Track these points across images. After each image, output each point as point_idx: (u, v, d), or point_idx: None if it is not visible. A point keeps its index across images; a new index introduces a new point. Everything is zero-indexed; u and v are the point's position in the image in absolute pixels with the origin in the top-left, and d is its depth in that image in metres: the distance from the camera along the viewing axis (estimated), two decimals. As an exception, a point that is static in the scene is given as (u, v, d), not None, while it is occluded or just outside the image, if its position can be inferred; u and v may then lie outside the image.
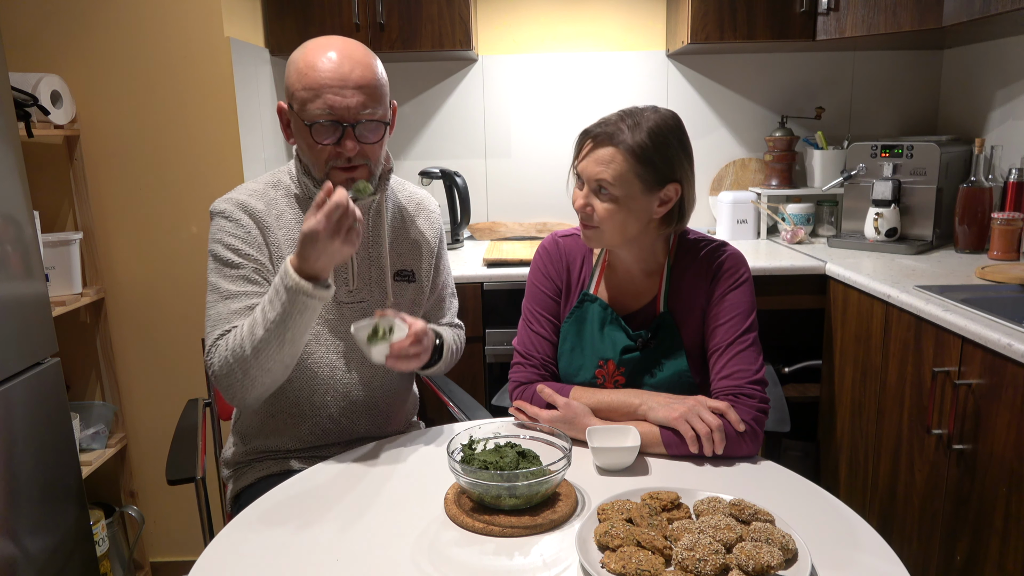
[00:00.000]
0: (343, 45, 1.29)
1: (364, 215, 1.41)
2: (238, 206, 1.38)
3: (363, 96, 1.27)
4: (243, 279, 1.35)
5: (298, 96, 1.28)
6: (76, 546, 1.72)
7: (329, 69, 1.26)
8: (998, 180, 2.34)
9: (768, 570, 0.88)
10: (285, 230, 1.39)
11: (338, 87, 1.26)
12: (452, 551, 0.99)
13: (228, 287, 1.34)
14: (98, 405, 2.26)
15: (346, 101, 1.26)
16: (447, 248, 1.71)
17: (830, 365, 2.25)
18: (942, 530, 1.67)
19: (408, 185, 1.58)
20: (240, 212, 1.37)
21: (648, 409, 1.27)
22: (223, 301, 1.34)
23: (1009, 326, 1.47)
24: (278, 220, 1.39)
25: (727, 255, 1.38)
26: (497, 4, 2.77)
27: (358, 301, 1.44)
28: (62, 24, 2.07)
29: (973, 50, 2.58)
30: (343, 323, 1.43)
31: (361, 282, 1.44)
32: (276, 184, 1.43)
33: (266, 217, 1.38)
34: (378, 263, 1.45)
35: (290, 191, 1.42)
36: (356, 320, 1.38)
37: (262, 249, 1.37)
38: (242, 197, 1.39)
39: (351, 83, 1.26)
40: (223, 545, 1.03)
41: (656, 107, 1.31)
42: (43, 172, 2.15)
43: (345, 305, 1.43)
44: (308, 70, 1.27)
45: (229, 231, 1.36)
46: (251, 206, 1.38)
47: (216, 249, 1.37)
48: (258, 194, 1.40)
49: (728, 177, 2.87)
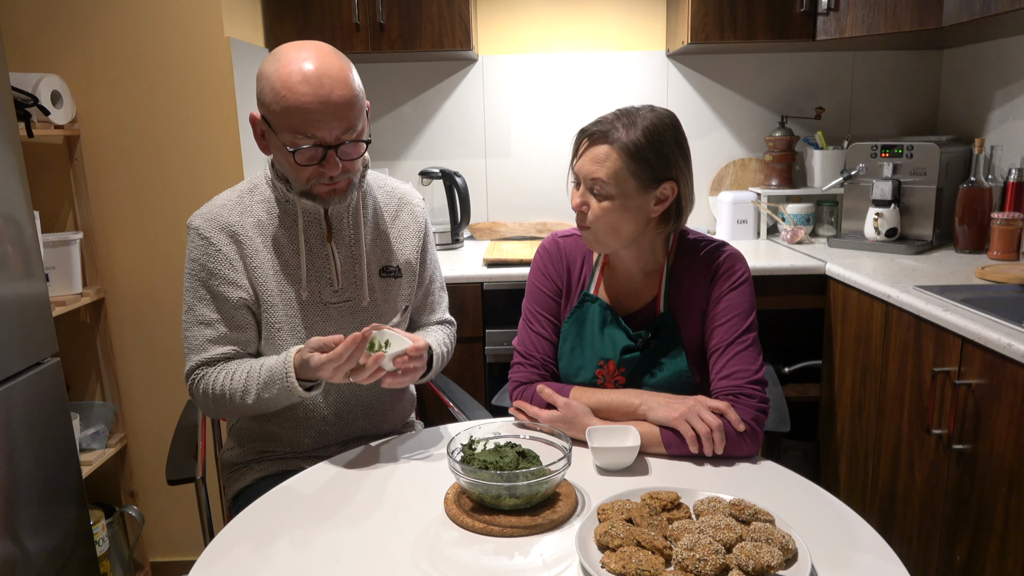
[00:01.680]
0: (318, 58, 1.23)
1: (343, 215, 1.42)
2: (213, 222, 1.37)
3: (344, 120, 1.24)
4: (216, 305, 1.36)
5: (275, 117, 1.24)
6: (76, 546, 1.72)
7: (308, 93, 1.21)
8: (998, 180, 2.34)
9: (768, 570, 0.88)
10: (263, 236, 1.39)
11: (320, 113, 1.22)
12: (452, 551, 0.99)
13: (203, 312, 1.36)
14: (98, 405, 2.26)
15: (332, 132, 1.24)
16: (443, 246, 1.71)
17: (830, 365, 2.25)
18: (942, 530, 1.67)
19: (389, 180, 1.57)
20: (215, 231, 1.36)
21: (648, 409, 1.27)
22: (199, 326, 1.37)
23: (1009, 326, 1.47)
24: (256, 227, 1.38)
25: (727, 255, 1.38)
26: (497, 4, 2.77)
27: (344, 300, 1.44)
28: (62, 24, 2.07)
29: (973, 50, 2.58)
30: (330, 324, 1.43)
31: (346, 281, 1.43)
32: (253, 189, 1.42)
33: (242, 228, 1.37)
34: (361, 261, 1.45)
35: (266, 195, 1.41)
36: (342, 320, 1.42)
37: (236, 266, 1.36)
38: (216, 211, 1.38)
39: (333, 107, 1.22)
40: (223, 545, 1.03)
41: (652, 106, 1.32)
42: (43, 172, 2.15)
43: (332, 305, 1.43)
44: (286, 91, 1.21)
45: (204, 251, 1.36)
46: (226, 221, 1.37)
47: (192, 268, 1.37)
48: (232, 204, 1.39)
49: (728, 177, 2.87)
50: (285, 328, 1.39)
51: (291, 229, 1.40)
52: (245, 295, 1.37)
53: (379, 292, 1.47)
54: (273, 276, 1.38)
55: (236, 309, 1.37)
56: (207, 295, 1.36)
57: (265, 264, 1.38)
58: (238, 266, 1.37)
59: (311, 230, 1.40)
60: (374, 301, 1.46)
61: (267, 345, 1.41)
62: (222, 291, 1.36)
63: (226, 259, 1.36)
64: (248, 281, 1.37)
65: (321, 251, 1.41)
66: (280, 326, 1.39)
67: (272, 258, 1.38)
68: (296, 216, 1.39)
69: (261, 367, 1.31)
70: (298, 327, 1.40)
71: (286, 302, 1.39)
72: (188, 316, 1.38)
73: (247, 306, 1.38)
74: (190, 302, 1.38)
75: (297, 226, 1.39)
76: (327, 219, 1.41)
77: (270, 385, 1.29)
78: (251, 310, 1.39)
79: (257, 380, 1.30)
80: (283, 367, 1.27)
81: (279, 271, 1.39)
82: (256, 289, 1.38)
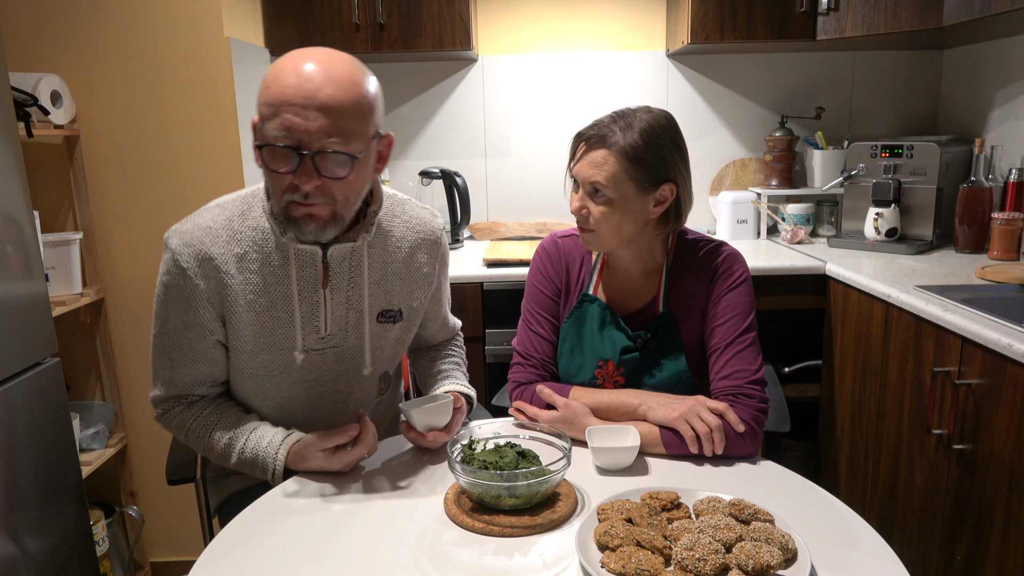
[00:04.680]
0: (326, 58, 1.10)
1: (343, 260, 1.26)
2: (192, 249, 1.20)
3: (327, 121, 1.06)
4: (186, 338, 1.24)
5: (260, 112, 1.10)
6: (76, 546, 1.72)
7: (294, 84, 1.06)
8: (998, 180, 2.33)
9: (768, 570, 0.88)
10: (244, 275, 1.22)
11: (299, 105, 1.06)
12: (452, 551, 0.99)
13: (169, 343, 1.25)
14: (98, 405, 2.26)
15: (306, 124, 1.06)
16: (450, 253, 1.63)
17: (830, 365, 2.25)
18: (942, 530, 1.67)
19: (410, 208, 1.38)
20: (193, 260, 1.20)
21: (648, 409, 1.27)
22: (164, 357, 1.26)
23: (1009, 326, 1.47)
24: (239, 262, 1.22)
25: (726, 255, 1.38)
26: (497, 4, 2.77)
27: (330, 347, 1.29)
28: (62, 24, 2.07)
29: (973, 50, 2.58)
30: (309, 371, 1.30)
31: (336, 327, 1.28)
32: (245, 213, 1.24)
33: (223, 262, 1.21)
34: (357, 307, 1.29)
35: (258, 223, 1.24)
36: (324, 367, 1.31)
37: (212, 304, 1.22)
38: (200, 236, 1.21)
39: (315, 102, 1.06)
40: (223, 545, 1.03)
41: (649, 107, 1.31)
42: (43, 172, 2.15)
43: (314, 352, 1.28)
44: (272, 83, 1.08)
45: (177, 280, 1.21)
46: (207, 251, 1.20)
47: (163, 293, 1.24)
48: (218, 229, 1.22)
49: (728, 177, 2.87)
50: (260, 375, 1.28)
51: (283, 267, 1.23)
52: (218, 336, 1.25)
53: (371, 338, 1.32)
54: (252, 321, 1.23)
55: (207, 347, 1.26)
56: (177, 324, 1.24)
57: (243, 307, 1.22)
58: (214, 303, 1.22)
59: (304, 272, 1.23)
60: (361, 347, 1.32)
61: (233, 386, 1.33)
62: (192, 330, 1.23)
63: (202, 296, 1.21)
64: (220, 324, 1.24)
65: (311, 296, 1.25)
66: (252, 373, 1.28)
67: (253, 301, 1.22)
68: (289, 256, 1.22)
69: (245, 443, 1.23)
70: (275, 374, 1.28)
71: (261, 349, 1.25)
72: (156, 341, 1.26)
73: (219, 342, 1.27)
74: (159, 327, 1.25)
75: (288, 266, 1.23)
76: (325, 262, 1.24)
77: (250, 466, 1.23)
78: (223, 345, 1.28)
79: (238, 454, 1.24)
80: (272, 462, 1.20)
81: (260, 315, 1.23)
82: (228, 332, 1.25)
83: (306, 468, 1.21)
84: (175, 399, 1.30)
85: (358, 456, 1.20)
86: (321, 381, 1.33)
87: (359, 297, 1.28)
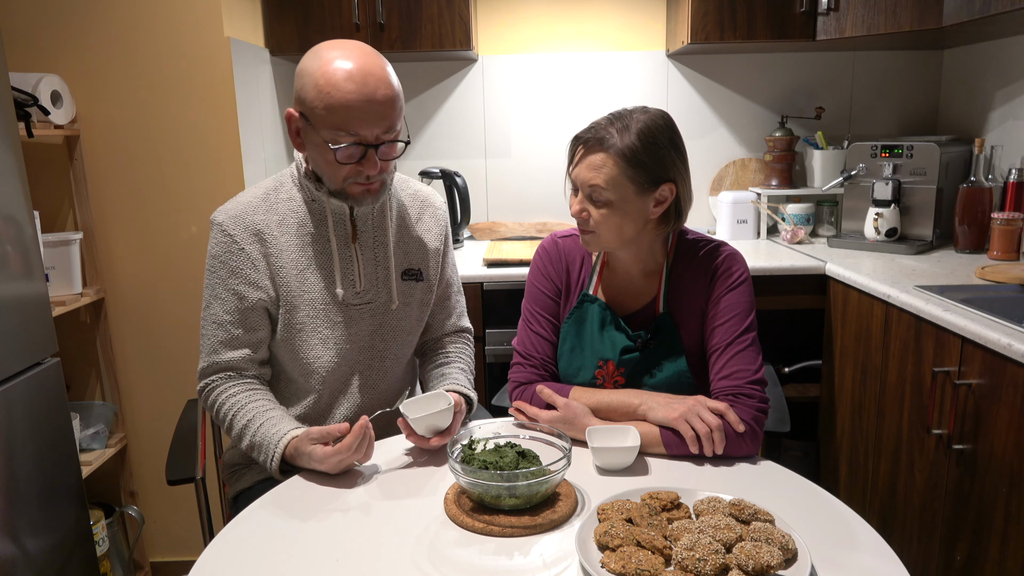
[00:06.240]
0: (360, 57, 1.24)
1: (367, 217, 1.41)
2: (238, 220, 1.36)
3: (388, 121, 1.26)
4: (233, 304, 1.36)
5: (318, 114, 1.24)
6: (76, 546, 1.72)
7: (353, 92, 1.22)
8: (998, 180, 2.34)
9: (768, 570, 0.88)
10: (288, 236, 1.38)
11: (364, 111, 1.22)
12: (452, 551, 0.99)
13: (218, 311, 1.36)
14: (98, 405, 2.26)
15: (375, 130, 1.25)
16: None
17: (830, 365, 2.25)
18: (942, 530, 1.67)
19: (412, 183, 1.56)
20: (240, 229, 1.35)
21: (648, 409, 1.27)
22: (213, 326, 1.37)
23: (1009, 326, 1.47)
24: (281, 226, 1.38)
25: (725, 255, 1.38)
26: (497, 4, 2.77)
27: (366, 303, 1.43)
28: (62, 24, 2.07)
29: (973, 50, 2.58)
30: (351, 325, 1.42)
31: (368, 283, 1.43)
32: (278, 187, 1.41)
33: (267, 227, 1.37)
34: (384, 263, 1.44)
35: (291, 193, 1.40)
36: (362, 322, 1.42)
37: (258, 266, 1.36)
38: (242, 209, 1.37)
39: (375, 104, 1.23)
40: (223, 545, 1.03)
41: (646, 107, 1.31)
42: (43, 172, 2.15)
43: (353, 307, 1.42)
44: (330, 88, 1.22)
45: (227, 248, 1.35)
46: (251, 219, 1.36)
47: (213, 265, 1.37)
48: (258, 202, 1.38)
49: (728, 177, 2.87)
50: (307, 328, 1.39)
51: (318, 229, 1.39)
52: (264, 296, 1.36)
53: (400, 295, 1.46)
54: (296, 276, 1.37)
55: (252, 310, 1.36)
56: (224, 293, 1.35)
57: (288, 264, 1.37)
58: (260, 266, 1.36)
59: (336, 230, 1.40)
60: (392, 303, 1.45)
61: (285, 347, 1.40)
62: (241, 290, 1.35)
63: (248, 258, 1.35)
64: (270, 282, 1.37)
65: (345, 252, 1.40)
66: (301, 327, 1.39)
67: (296, 258, 1.37)
68: (323, 215, 1.38)
69: (259, 428, 1.30)
70: (320, 327, 1.39)
71: (309, 303, 1.38)
72: (205, 313, 1.38)
73: (264, 307, 1.38)
74: (208, 299, 1.37)
75: (324, 225, 1.38)
76: (352, 220, 1.40)
77: (256, 450, 1.29)
78: (268, 311, 1.39)
79: (251, 436, 1.30)
80: (273, 448, 1.25)
81: (303, 271, 1.38)
82: (278, 290, 1.37)
83: (301, 464, 1.24)
84: (216, 373, 1.37)
85: (348, 461, 1.21)
86: (359, 335, 1.43)
87: (385, 255, 1.44)
